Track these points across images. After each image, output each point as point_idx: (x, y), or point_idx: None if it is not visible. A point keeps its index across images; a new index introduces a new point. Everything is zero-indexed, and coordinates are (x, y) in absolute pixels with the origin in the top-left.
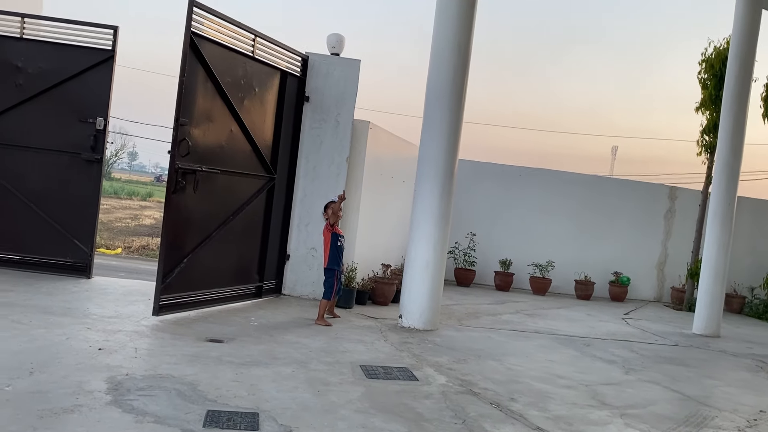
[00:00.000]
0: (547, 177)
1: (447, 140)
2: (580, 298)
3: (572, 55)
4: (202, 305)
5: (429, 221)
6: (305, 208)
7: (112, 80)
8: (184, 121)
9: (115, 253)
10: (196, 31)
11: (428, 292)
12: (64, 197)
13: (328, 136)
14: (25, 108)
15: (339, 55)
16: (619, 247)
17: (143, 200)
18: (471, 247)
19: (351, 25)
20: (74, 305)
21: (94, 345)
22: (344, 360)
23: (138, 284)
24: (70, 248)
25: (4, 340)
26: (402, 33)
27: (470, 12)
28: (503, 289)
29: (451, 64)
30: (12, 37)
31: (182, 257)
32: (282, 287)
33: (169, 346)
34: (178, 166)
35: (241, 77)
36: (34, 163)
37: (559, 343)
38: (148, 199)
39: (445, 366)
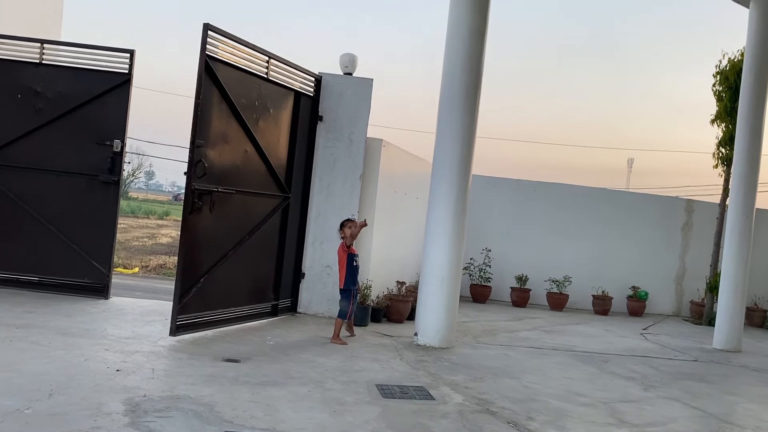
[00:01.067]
0: (562, 191)
1: (460, 157)
2: (598, 314)
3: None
4: (219, 325)
5: (443, 238)
6: (320, 227)
7: (128, 103)
8: (200, 142)
9: (133, 273)
10: (211, 54)
11: (444, 309)
12: (82, 219)
13: (341, 154)
14: (45, 132)
15: (352, 75)
16: (637, 261)
17: (160, 219)
18: (486, 263)
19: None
20: (92, 326)
21: (112, 366)
22: (360, 379)
23: (155, 304)
24: (88, 269)
25: (24, 361)
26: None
27: (482, 29)
28: (520, 305)
29: (463, 82)
30: (32, 62)
31: (199, 277)
32: (297, 305)
33: (186, 366)
34: (195, 188)
35: (256, 98)
36: (53, 185)
37: (577, 360)
38: (165, 217)
39: (462, 384)
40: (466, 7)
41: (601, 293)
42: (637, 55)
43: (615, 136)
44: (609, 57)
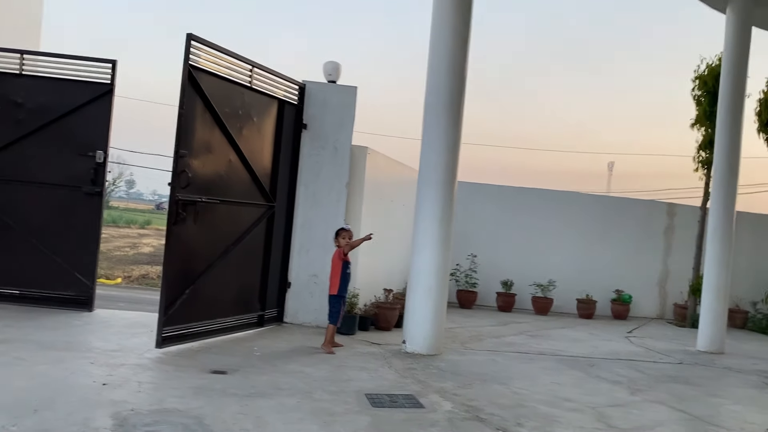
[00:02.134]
0: (545, 197)
1: (446, 163)
2: (583, 317)
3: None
4: (205, 336)
5: (430, 246)
6: (306, 235)
7: (111, 114)
8: (184, 153)
9: (115, 283)
10: (194, 63)
11: (431, 316)
12: (65, 231)
13: (326, 162)
14: (26, 143)
15: (336, 83)
16: (620, 265)
17: (142, 228)
18: (472, 268)
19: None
20: (77, 339)
21: (98, 380)
22: (349, 389)
23: (140, 316)
24: (72, 281)
25: (7, 377)
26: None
27: (465, 35)
28: (505, 310)
29: (448, 88)
30: (12, 73)
31: (184, 288)
32: (284, 315)
33: (173, 378)
34: (179, 198)
35: (239, 107)
36: (35, 197)
37: (563, 365)
38: (147, 226)
39: (451, 392)
40: (449, 13)
41: (585, 297)
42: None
43: (594, 140)
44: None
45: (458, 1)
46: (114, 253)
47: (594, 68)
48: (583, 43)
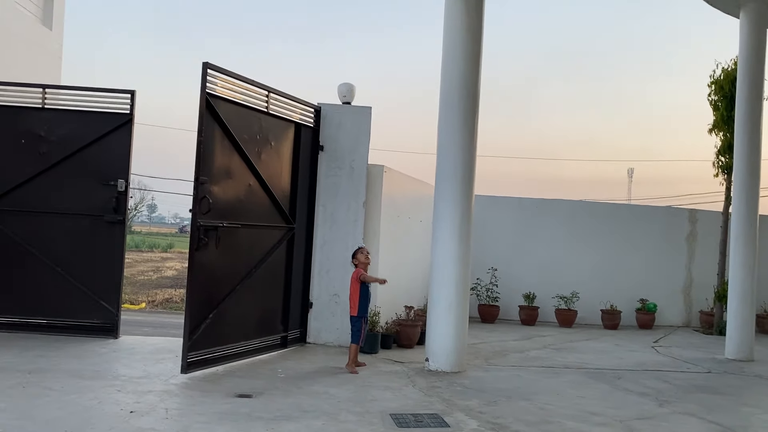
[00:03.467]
0: (564, 207)
1: (462, 178)
2: (608, 328)
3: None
4: (229, 359)
5: (449, 262)
6: (325, 255)
7: (131, 143)
8: (204, 179)
9: (140, 308)
10: (211, 91)
11: (453, 333)
12: (89, 259)
13: (343, 182)
14: (49, 175)
15: (350, 104)
16: (643, 274)
17: (164, 252)
18: (493, 282)
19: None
20: (103, 367)
21: (126, 408)
22: (373, 409)
23: (165, 341)
24: (97, 309)
25: (38, 407)
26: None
27: (476, 53)
28: (529, 323)
29: (461, 105)
30: (34, 107)
31: (208, 313)
32: (307, 336)
33: (198, 404)
34: (200, 224)
35: (257, 132)
36: (59, 227)
37: (589, 378)
38: (169, 250)
39: (476, 409)
40: (460, 31)
41: (609, 307)
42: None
43: (613, 147)
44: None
45: (469, 20)
46: (138, 277)
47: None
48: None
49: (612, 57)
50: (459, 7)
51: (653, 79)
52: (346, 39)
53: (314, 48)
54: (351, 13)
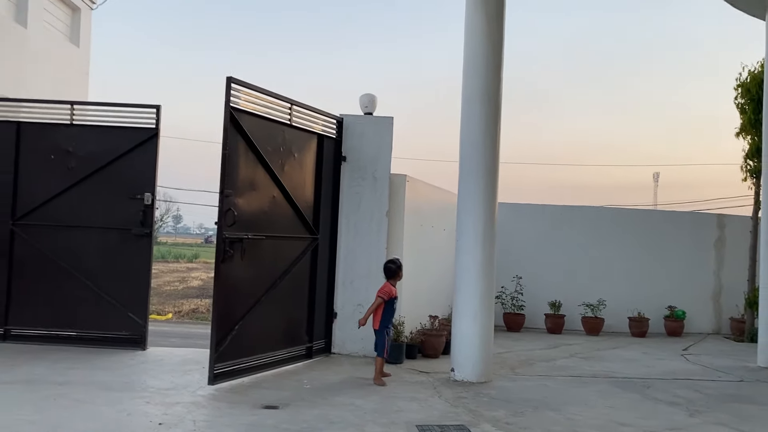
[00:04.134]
0: (589, 214)
1: (485, 186)
2: (635, 336)
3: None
4: (256, 370)
5: (473, 271)
6: (349, 265)
7: (157, 157)
8: (229, 192)
9: (166, 319)
10: (235, 105)
11: (479, 343)
12: (117, 272)
13: (366, 192)
14: (78, 189)
15: (372, 114)
16: (671, 280)
17: (190, 262)
18: (518, 290)
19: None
20: (132, 379)
21: (155, 420)
22: (399, 420)
23: (192, 353)
24: (125, 321)
25: (69, 419)
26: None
27: (497, 61)
28: (555, 331)
29: (483, 114)
30: (63, 123)
31: (234, 324)
32: (331, 346)
33: (226, 416)
34: (226, 236)
35: (280, 144)
36: (88, 241)
37: (618, 387)
38: (195, 260)
39: (503, 420)
40: (480, 38)
41: (637, 315)
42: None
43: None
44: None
45: (489, 27)
46: (164, 288)
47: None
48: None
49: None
50: (479, 15)
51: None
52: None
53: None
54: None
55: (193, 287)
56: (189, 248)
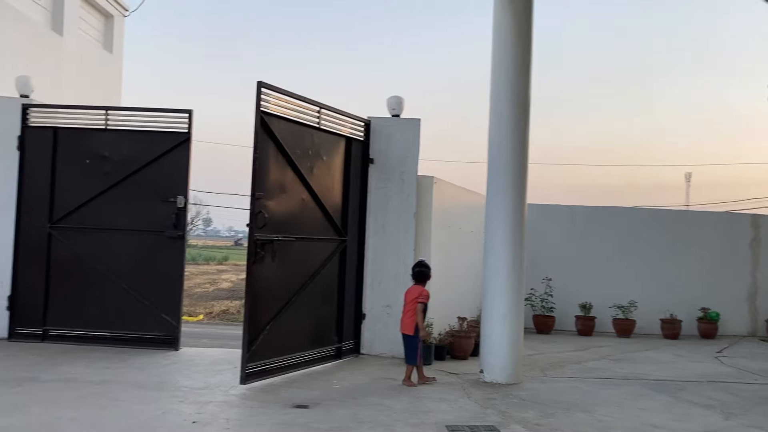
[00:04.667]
0: (619, 214)
1: (513, 189)
2: (667, 338)
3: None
4: (286, 370)
5: (502, 273)
6: (377, 267)
7: (189, 160)
8: (260, 194)
9: (198, 320)
10: (265, 109)
11: (508, 344)
12: (151, 274)
13: (394, 194)
14: (112, 193)
15: (399, 116)
16: (704, 282)
17: (220, 264)
18: (548, 292)
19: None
20: (166, 378)
21: (188, 418)
22: (429, 421)
23: (223, 353)
24: (159, 322)
25: (106, 418)
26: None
27: (527, 61)
28: (585, 333)
29: (512, 114)
30: (98, 129)
31: (265, 324)
32: (360, 347)
33: (258, 415)
34: (257, 238)
35: (309, 147)
36: (122, 244)
37: (650, 389)
38: (225, 262)
39: (533, 422)
40: (509, 37)
41: (669, 317)
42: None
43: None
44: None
45: (518, 26)
46: (195, 290)
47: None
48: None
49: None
50: (507, 14)
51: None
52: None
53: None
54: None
55: (224, 289)
56: (219, 250)
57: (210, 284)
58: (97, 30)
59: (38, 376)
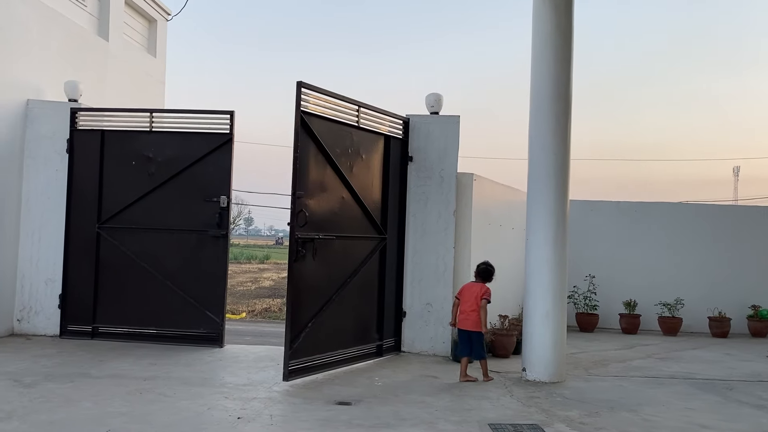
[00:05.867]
0: (665, 210)
1: (555, 184)
2: (716, 336)
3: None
4: (328, 367)
5: (545, 270)
6: (417, 264)
7: (231, 161)
8: (300, 193)
9: (240, 318)
10: (305, 109)
11: (551, 342)
12: (195, 272)
13: (433, 192)
14: (158, 194)
15: (438, 114)
16: (754, 278)
17: (261, 263)
18: (591, 290)
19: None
20: (211, 375)
21: (233, 414)
22: (471, 418)
23: (266, 350)
24: (203, 319)
25: (154, 413)
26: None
27: (567, 55)
28: (630, 332)
29: (553, 110)
30: (143, 131)
31: (307, 322)
32: (401, 344)
33: (301, 411)
34: (298, 236)
35: (348, 146)
36: (168, 243)
37: (697, 389)
38: (266, 261)
39: (577, 420)
40: (549, 31)
41: (717, 314)
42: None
43: (716, 145)
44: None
45: (558, 20)
46: (237, 288)
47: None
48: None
49: (712, 51)
50: (547, 8)
51: (760, 74)
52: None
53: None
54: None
55: (265, 287)
56: (260, 249)
57: (252, 282)
58: (140, 34)
59: (89, 372)
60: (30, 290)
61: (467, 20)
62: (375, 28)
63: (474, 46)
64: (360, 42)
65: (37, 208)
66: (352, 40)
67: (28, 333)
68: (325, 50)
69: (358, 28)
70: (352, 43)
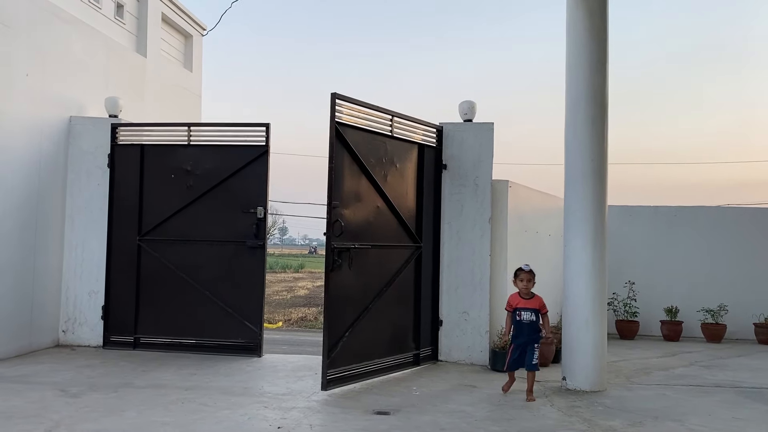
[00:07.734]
0: (706, 214)
1: (593, 190)
2: (762, 343)
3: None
4: (365, 377)
5: (583, 277)
6: (453, 273)
7: (268, 172)
8: (336, 203)
9: (277, 327)
10: (340, 120)
11: (591, 350)
12: (233, 282)
13: (468, 200)
14: (196, 206)
15: (471, 121)
16: None
17: (296, 272)
18: (631, 297)
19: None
20: (250, 384)
21: (273, 423)
22: (512, 429)
23: (304, 359)
24: (242, 330)
25: (195, 423)
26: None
27: (603, 59)
28: (672, 339)
29: (589, 115)
30: (181, 144)
31: (344, 331)
32: (438, 354)
33: (340, 420)
34: (334, 246)
35: (383, 156)
36: (206, 254)
37: (745, 398)
38: (301, 270)
39: (620, 430)
40: (584, 35)
41: (764, 321)
42: None
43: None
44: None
45: (592, 24)
46: (273, 297)
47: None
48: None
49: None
50: (581, 12)
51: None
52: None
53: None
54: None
55: (300, 296)
56: (295, 258)
57: (287, 291)
58: (177, 50)
59: (132, 382)
60: (74, 302)
61: (502, 24)
62: (405, 34)
63: (509, 49)
64: (390, 49)
65: (80, 222)
66: (381, 46)
67: (72, 344)
68: (358, 60)
69: (387, 35)
70: (380, 49)
